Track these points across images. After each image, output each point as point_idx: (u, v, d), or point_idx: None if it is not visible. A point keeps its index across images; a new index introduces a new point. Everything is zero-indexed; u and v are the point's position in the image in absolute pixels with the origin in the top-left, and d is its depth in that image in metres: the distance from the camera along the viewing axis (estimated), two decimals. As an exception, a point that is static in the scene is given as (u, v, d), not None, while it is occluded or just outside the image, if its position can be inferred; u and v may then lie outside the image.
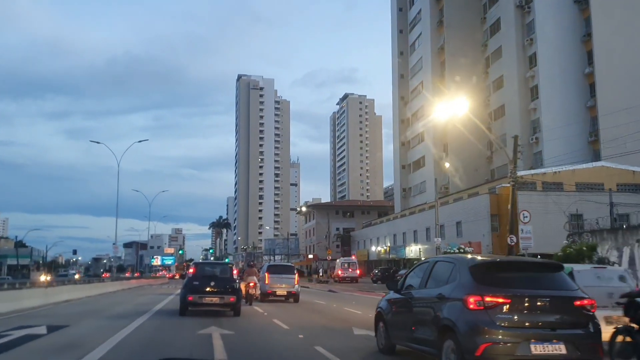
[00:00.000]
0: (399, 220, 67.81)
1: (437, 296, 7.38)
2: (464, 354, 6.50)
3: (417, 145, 68.62)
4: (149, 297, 26.35)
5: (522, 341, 6.38)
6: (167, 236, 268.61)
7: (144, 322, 13.95)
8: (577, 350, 6.45)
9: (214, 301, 15.62)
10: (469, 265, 7.21)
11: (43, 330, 11.69)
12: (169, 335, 11.47)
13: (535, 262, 8.19)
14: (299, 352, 9.63)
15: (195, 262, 23.80)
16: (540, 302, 6.66)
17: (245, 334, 11.73)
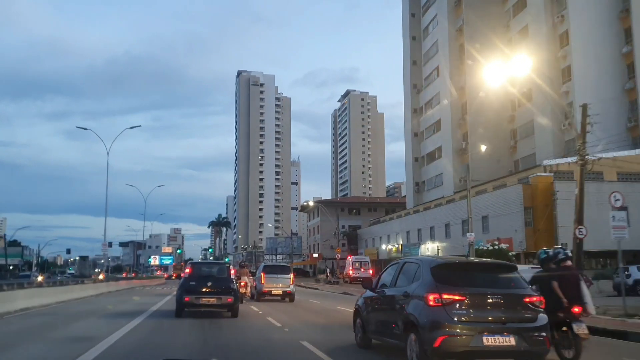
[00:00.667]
0: (412, 216, 62.61)
1: (403, 294, 8.05)
2: (424, 345, 7.11)
3: (432, 136, 63.37)
4: (135, 304, 21.25)
5: (476, 334, 6.98)
6: (165, 236, 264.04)
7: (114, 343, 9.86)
8: (524, 342, 7.06)
9: (211, 302, 14.98)
10: (430, 265, 7.86)
11: None
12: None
13: (491, 263, 9.00)
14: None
15: (191, 261, 22.56)
16: (493, 299, 7.29)
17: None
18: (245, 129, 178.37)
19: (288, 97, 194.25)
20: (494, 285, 7.51)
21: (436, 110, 61.73)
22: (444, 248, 52.16)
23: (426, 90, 65.54)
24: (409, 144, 68.74)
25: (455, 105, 56.70)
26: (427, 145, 64.87)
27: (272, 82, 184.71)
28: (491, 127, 54.06)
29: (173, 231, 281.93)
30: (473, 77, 54.90)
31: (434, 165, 62.91)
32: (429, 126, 64.63)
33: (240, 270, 23.91)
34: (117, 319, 14.53)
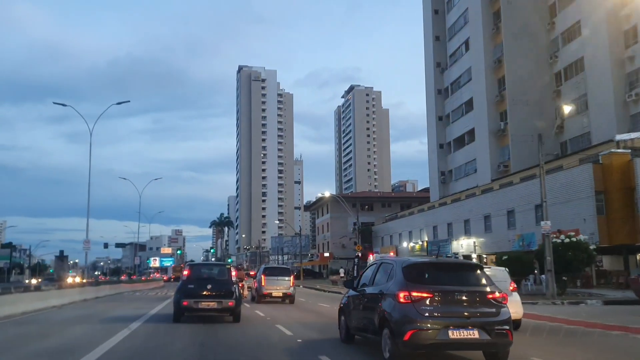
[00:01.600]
0: (439, 209, 54.93)
1: (378, 292, 8.51)
2: (395, 339, 7.55)
3: (462, 118, 55.72)
4: (93, 327, 13.64)
5: (442, 328, 7.39)
6: (166, 237, 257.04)
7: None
8: (487, 335, 7.47)
9: (211, 306, 13.80)
10: (402, 265, 8.27)
11: None
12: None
13: (458, 263, 9.62)
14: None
15: (189, 263, 20.41)
16: (458, 296, 7.68)
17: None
18: (246, 126, 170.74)
19: (290, 93, 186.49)
20: (460, 283, 7.92)
21: (466, 88, 54.10)
22: (483, 244, 44.52)
23: (452, 68, 57.90)
24: (432, 129, 61.09)
25: (491, 81, 49.09)
26: (455, 129, 57.22)
27: (274, 78, 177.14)
28: (534, 104, 46.51)
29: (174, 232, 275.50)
30: (512, 47, 47.36)
31: (464, 151, 55.25)
32: (456, 108, 56.99)
33: (236, 273, 22.32)
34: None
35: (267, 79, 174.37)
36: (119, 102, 36.76)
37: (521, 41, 47.11)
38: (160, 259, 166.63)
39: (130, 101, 36.80)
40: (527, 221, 38.31)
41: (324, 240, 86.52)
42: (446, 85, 59.51)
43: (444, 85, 59.85)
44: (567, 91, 45.49)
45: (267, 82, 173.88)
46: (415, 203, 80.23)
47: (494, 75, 49.08)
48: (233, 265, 26.52)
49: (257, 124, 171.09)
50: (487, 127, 48.75)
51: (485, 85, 48.89)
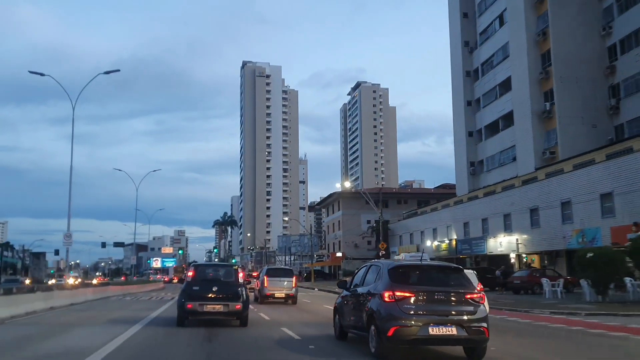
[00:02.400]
0: (469, 204, 48.67)
1: (367, 292, 9.15)
2: (380, 335, 8.22)
3: (496, 101, 49.40)
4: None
5: (423, 325, 7.98)
6: (168, 238, 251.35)
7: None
8: (465, 331, 8.03)
9: (217, 309, 12.93)
10: (388, 267, 8.97)
11: None
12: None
13: (439, 265, 9.66)
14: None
15: (194, 263, 17.03)
16: (438, 296, 8.27)
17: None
18: (251, 124, 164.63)
19: (295, 90, 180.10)
20: (440, 284, 8.53)
21: (502, 67, 47.82)
22: (529, 241, 38.24)
23: (484, 46, 51.62)
24: (459, 115, 54.78)
25: (534, 56, 42.79)
26: (487, 115, 50.93)
27: (279, 74, 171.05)
28: (585, 81, 40.28)
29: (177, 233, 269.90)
30: (559, 17, 41.12)
31: (499, 138, 48.93)
32: (488, 90, 50.70)
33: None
34: None
35: (272, 75, 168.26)
36: (107, 72, 30.69)
37: (569, 10, 40.91)
38: (162, 260, 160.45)
39: (120, 70, 30.43)
40: (589, 213, 31.97)
41: (335, 239, 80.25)
42: (475, 67, 53.23)
43: (473, 67, 53.59)
44: (623, 67, 39.27)
45: (271, 79, 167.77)
46: (433, 200, 74.16)
47: (537, 50, 42.80)
48: (239, 266, 22.44)
49: (261, 122, 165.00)
50: (529, 109, 42.42)
51: (527, 62, 42.58)
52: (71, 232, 29.78)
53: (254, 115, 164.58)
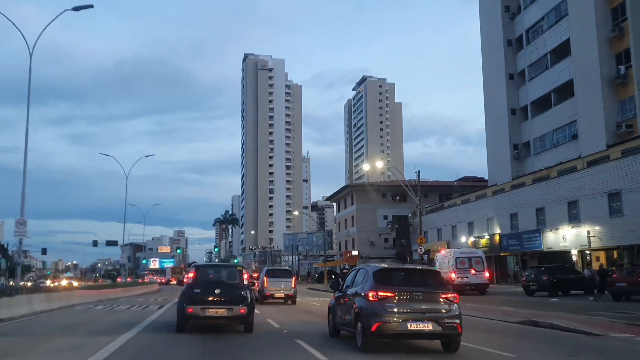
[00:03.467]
0: (515, 192, 40.97)
1: (355, 293, 10.04)
2: (365, 330, 9.13)
3: (547, 71, 41.68)
4: None
5: (402, 321, 8.93)
6: (167, 238, 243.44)
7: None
8: (440, 327, 8.96)
9: (220, 313, 11.86)
10: (373, 270, 9.94)
11: None
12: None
13: (419, 268, 10.91)
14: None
15: (195, 264, 14.92)
16: (417, 295, 9.17)
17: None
18: (252, 119, 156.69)
19: (299, 84, 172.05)
20: (419, 285, 9.43)
21: (555, 30, 40.12)
22: (605, 233, 30.54)
23: (530, 8, 43.91)
24: (497, 92, 47.03)
25: (602, 11, 35.08)
26: (535, 88, 43.19)
27: (282, 68, 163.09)
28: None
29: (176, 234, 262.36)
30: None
31: (552, 114, 41.17)
32: (537, 60, 42.94)
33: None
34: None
35: (275, 68, 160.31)
36: (76, 8, 22.93)
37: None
38: (160, 260, 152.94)
39: (93, 6, 22.84)
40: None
41: (348, 236, 72.49)
42: (518, 34, 45.54)
43: (516, 35, 45.88)
44: None
45: (274, 72, 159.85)
46: (456, 193, 66.67)
47: (606, 4, 35.11)
48: (243, 266, 17.00)
49: (263, 117, 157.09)
50: (597, 75, 34.63)
51: (595, 18, 34.87)
52: (25, 219, 22.12)
53: (256, 110, 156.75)
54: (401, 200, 69.67)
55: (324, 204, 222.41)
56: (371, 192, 68.44)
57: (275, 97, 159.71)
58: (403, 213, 65.78)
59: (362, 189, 70.00)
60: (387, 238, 67.91)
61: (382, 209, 67.06)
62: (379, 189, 69.76)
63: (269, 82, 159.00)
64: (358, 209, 68.30)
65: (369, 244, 66.88)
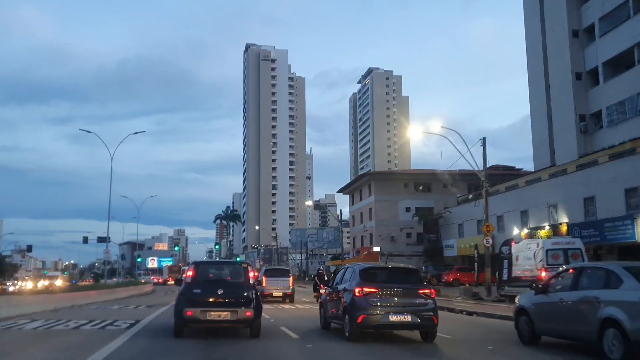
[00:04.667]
0: (586, 172, 32.68)
1: (343, 289, 11.21)
2: (352, 322, 10.29)
3: (625, 23, 33.43)
4: None
5: (384, 313, 10.15)
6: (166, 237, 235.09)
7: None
8: (417, 318, 10.19)
9: (223, 317, 10.38)
10: (359, 269, 11.09)
11: None
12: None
13: (398, 267, 12.60)
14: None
15: (195, 261, 12.98)
16: (397, 291, 10.44)
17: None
18: (255, 112, 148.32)
19: (302, 77, 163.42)
20: (399, 282, 10.71)
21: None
22: None
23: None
24: (559, 52, 38.74)
25: None
26: (610, 44, 34.91)
27: (285, 59, 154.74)
28: None
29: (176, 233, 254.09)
30: None
31: (632, 75, 32.94)
32: (613, 9, 34.72)
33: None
34: None
35: (278, 59, 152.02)
36: None
37: None
38: (158, 259, 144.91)
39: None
40: None
41: (364, 231, 64.08)
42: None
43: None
44: None
45: (277, 63, 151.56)
46: (486, 182, 58.62)
47: None
48: (249, 263, 13.58)
49: (266, 110, 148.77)
50: None
51: None
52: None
53: (258, 103, 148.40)
54: (425, 190, 61.37)
55: (327, 202, 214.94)
56: (392, 181, 60.19)
57: (278, 89, 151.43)
58: (428, 205, 57.47)
59: (382, 178, 61.74)
60: (409, 233, 59.56)
61: (405, 199, 58.73)
62: (401, 178, 61.43)
63: (272, 73, 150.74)
64: (377, 200, 59.92)
65: (389, 240, 58.55)
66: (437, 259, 51.33)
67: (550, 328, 9.57)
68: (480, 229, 44.43)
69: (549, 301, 9.51)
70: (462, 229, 48.61)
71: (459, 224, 49.07)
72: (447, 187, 61.19)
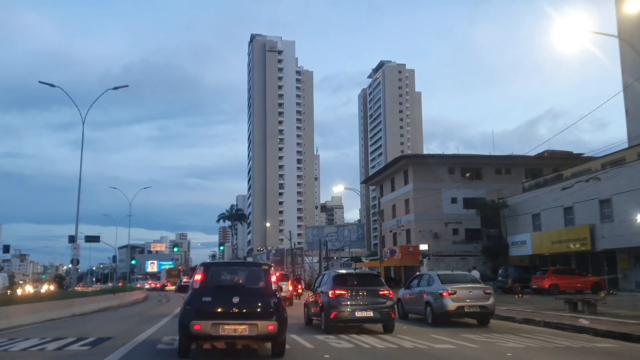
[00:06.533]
0: None
1: (320, 291, 13.75)
2: (326, 318, 12.74)
3: None
4: None
5: (352, 311, 12.61)
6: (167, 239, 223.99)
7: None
8: (378, 314, 12.64)
9: (240, 332, 8.21)
10: (332, 275, 13.87)
11: None
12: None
13: (364, 273, 15.93)
14: None
15: (205, 262, 9.93)
16: (362, 292, 12.93)
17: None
18: (261, 107, 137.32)
19: (310, 70, 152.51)
20: (365, 285, 13.31)
21: None
22: None
23: None
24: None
25: None
26: None
27: (292, 51, 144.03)
28: None
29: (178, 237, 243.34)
30: None
31: None
32: None
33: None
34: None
35: (285, 51, 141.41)
36: None
37: None
38: (158, 263, 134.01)
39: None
40: None
41: (398, 227, 52.87)
42: None
43: None
44: None
45: (284, 55, 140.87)
46: (548, 167, 48.28)
47: None
48: (270, 265, 10.28)
49: (272, 104, 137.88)
50: None
51: None
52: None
53: (264, 97, 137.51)
54: (473, 177, 50.37)
55: (334, 204, 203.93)
56: (434, 166, 49.12)
57: (285, 82, 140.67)
58: (477, 195, 46.47)
59: (423, 162, 50.54)
60: (456, 228, 48.45)
61: (450, 189, 47.68)
62: (445, 162, 50.31)
63: (278, 65, 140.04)
64: (416, 189, 48.85)
65: (432, 237, 47.39)
66: (499, 260, 40.25)
67: (410, 309, 16.35)
68: (570, 218, 33.47)
69: (409, 293, 16.50)
70: (538, 221, 37.45)
71: (534, 215, 37.88)
72: (501, 174, 50.30)
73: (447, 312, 14.01)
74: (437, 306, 14.10)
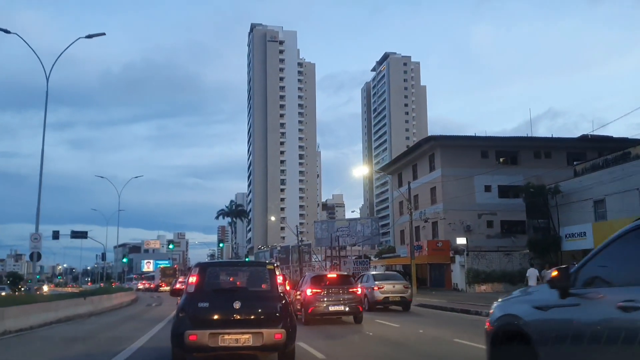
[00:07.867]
0: None
1: (301, 290, 16.20)
2: (305, 312, 15.21)
3: None
4: None
5: (326, 305, 15.07)
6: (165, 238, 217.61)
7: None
8: (348, 308, 15.17)
9: (242, 341, 7.11)
10: (310, 277, 16.67)
11: None
12: None
13: (339, 274, 17.75)
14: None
15: (201, 262, 8.37)
16: (335, 290, 15.44)
17: None
18: (261, 99, 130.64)
19: (312, 63, 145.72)
20: (337, 283, 15.79)
21: None
22: None
23: None
24: None
25: None
26: None
27: (294, 42, 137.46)
28: None
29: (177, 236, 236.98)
30: None
31: None
32: None
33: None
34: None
35: (286, 41, 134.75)
36: None
37: None
38: (154, 262, 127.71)
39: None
40: None
41: (422, 219, 46.30)
42: None
43: None
44: None
45: (285, 46, 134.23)
46: (592, 151, 42.05)
47: None
48: (276, 265, 8.51)
49: (273, 97, 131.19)
50: None
51: None
52: None
53: (265, 89, 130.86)
54: (508, 162, 43.87)
55: (335, 202, 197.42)
56: (466, 149, 42.67)
57: (287, 74, 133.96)
58: (513, 182, 39.96)
59: (453, 145, 43.94)
60: (491, 220, 41.93)
61: (483, 175, 41.18)
62: (478, 145, 43.80)
63: (280, 56, 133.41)
64: (444, 175, 42.31)
65: (463, 230, 40.77)
66: (550, 256, 33.69)
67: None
68: (607, 209, 26.88)
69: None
70: (601, 208, 30.90)
71: (596, 201, 31.33)
72: (540, 158, 43.80)
73: (376, 301, 19.74)
74: (370, 297, 19.68)
